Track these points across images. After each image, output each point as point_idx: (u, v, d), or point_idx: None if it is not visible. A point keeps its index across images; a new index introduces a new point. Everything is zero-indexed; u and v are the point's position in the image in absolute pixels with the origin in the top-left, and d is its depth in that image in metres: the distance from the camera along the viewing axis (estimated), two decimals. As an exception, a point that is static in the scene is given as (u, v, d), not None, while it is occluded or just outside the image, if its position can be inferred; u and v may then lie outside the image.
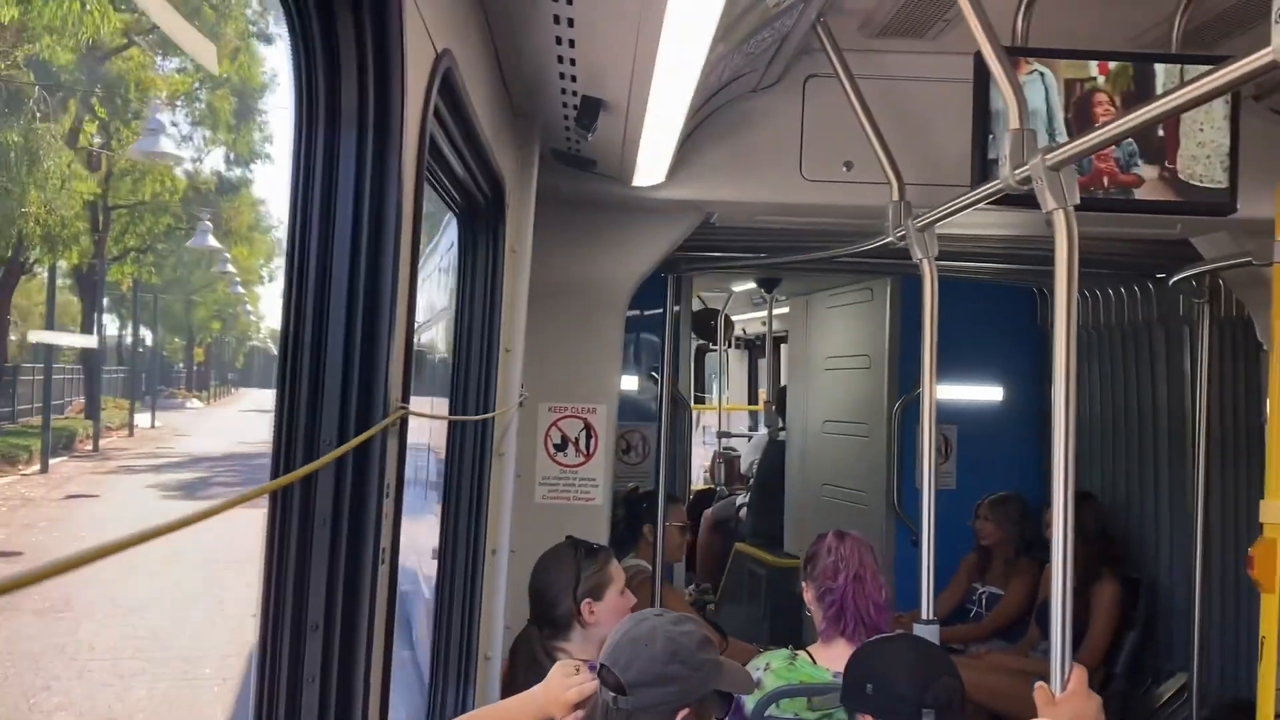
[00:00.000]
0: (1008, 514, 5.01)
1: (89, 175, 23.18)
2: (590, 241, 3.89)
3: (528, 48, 2.47)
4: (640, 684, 2.01)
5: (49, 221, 21.20)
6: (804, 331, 6.87)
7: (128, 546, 0.78)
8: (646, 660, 2.02)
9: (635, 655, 2.03)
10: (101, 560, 0.74)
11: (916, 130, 3.36)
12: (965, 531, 5.14)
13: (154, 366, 48.13)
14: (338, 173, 1.35)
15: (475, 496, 2.86)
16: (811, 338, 6.73)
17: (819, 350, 6.57)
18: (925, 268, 2.94)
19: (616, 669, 2.04)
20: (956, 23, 3.17)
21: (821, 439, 6.44)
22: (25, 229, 21.87)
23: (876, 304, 5.78)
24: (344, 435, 1.34)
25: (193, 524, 0.91)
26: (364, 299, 1.36)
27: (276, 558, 1.32)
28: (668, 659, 2.02)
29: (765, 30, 2.83)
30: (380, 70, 1.35)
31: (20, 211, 21.08)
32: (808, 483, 6.54)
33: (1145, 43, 3.10)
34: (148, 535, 0.80)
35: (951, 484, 5.60)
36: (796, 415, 6.89)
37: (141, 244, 30.43)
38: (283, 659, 1.31)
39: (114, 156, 24.39)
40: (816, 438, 6.50)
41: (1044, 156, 2.08)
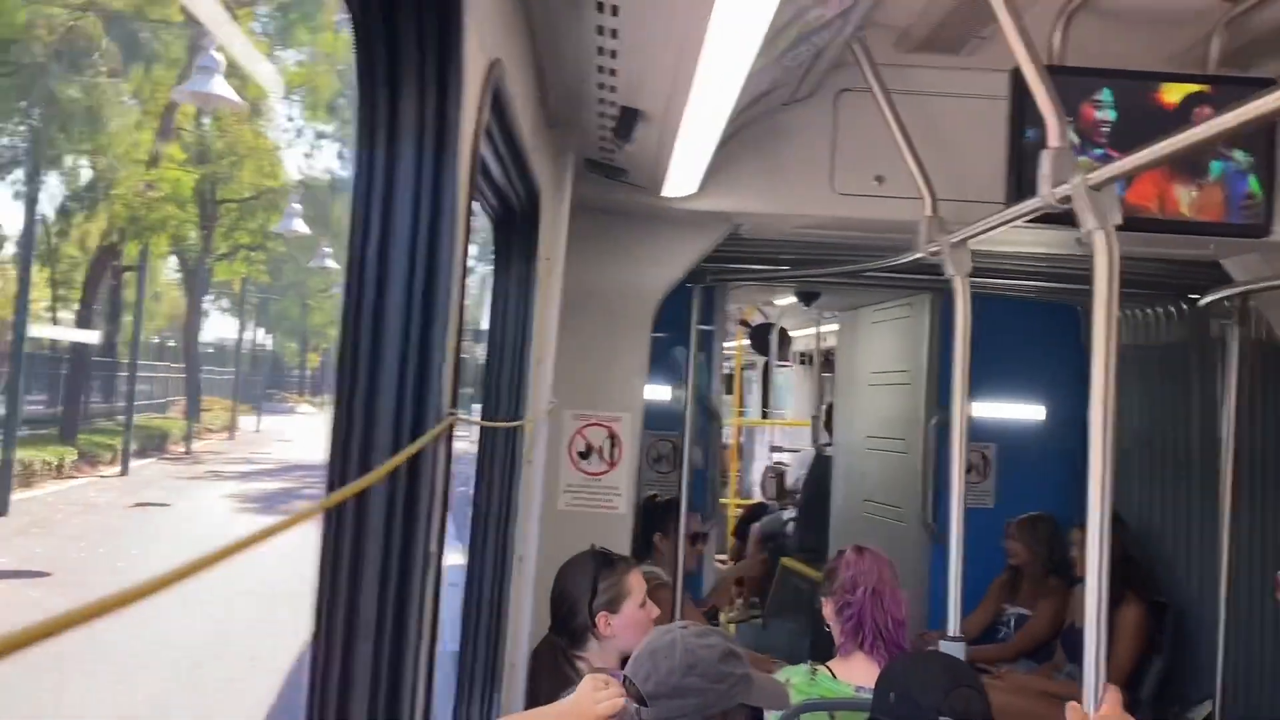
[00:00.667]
0: (1036, 535, 4.98)
1: (177, 154, 22.19)
2: (619, 250, 3.90)
3: (569, 58, 2.49)
4: (659, 695, 2.02)
5: (133, 202, 20.24)
6: (851, 347, 6.87)
7: (137, 598, 0.63)
8: (665, 672, 2.03)
9: (655, 667, 2.04)
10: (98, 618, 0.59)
11: (949, 145, 3.36)
12: (1002, 551, 5.13)
13: (265, 369, 47.18)
14: (396, 184, 1.37)
15: (504, 503, 2.87)
16: (857, 353, 6.73)
17: (864, 366, 6.57)
18: (958, 284, 2.94)
19: (637, 680, 2.05)
20: (992, 39, 3.18)
21: (865, 455, 6.43)
22: (112, 210, 20.85)
23: (916, 320, 5.76)
24: (398, 441, 1.35)
25: (234, 554, 0.74)
26: (419, 308, 1.38)
27: (330, 562, 1.33)
28: (685, 671, 2.02)
29: (803, 45, 2.84)
30: (440, 83, 1.36)
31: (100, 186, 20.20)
32: (851, 498, 6.54)
33: (1182, 63, 3.10)
34: (167, 580, 0.65)
35: (989, 502, 5.57)
36: (842, 430, 6.89)
37: (253, 241, 29.19)
38: (334, 663, 1.32)
39: (209, 136, 23.47)
40: (860, 453, 6.50)
41: (1085, 176, 2.09)
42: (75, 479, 19.28)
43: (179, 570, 0.66)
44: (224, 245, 29.19)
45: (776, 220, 3.74)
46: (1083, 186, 2.08)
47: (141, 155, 20.90)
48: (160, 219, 20.91)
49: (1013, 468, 5.63)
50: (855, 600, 3.00)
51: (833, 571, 3.13)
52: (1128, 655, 4.52)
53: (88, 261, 23.89)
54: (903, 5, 3.06)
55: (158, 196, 20.58)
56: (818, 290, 6.36)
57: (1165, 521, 5.04)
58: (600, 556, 3.00)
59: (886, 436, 6.10)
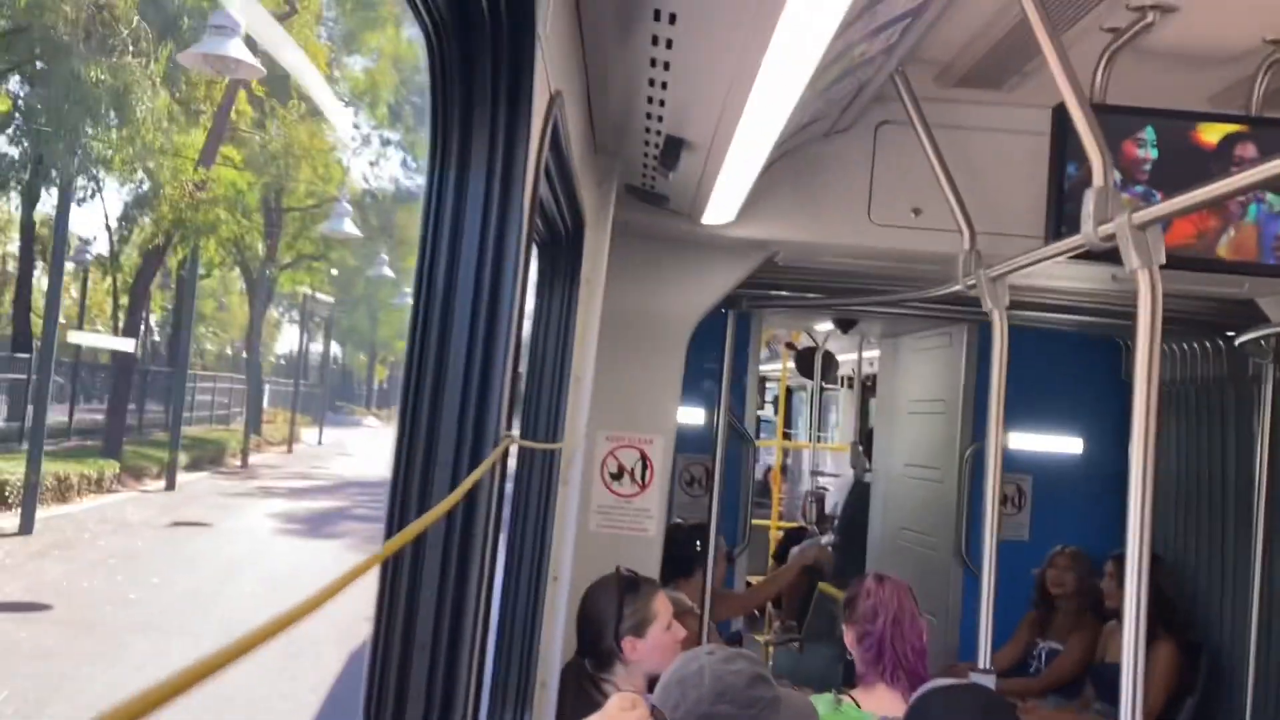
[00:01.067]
0: (1083, 567, 4.95)
1: (233, 154, 21.53)
2: (656, 275, 3.94)
3: (619, 89, 2.53)
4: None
5: (179, 203, 19.46)
6: (891, 374, 6.87)
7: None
8: (694, 701, 2.02)
9: (683, 695, 2.03)
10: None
11: (987, 180, 3.38)
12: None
13: (333, 381, 46.39)
14: (464, 213, 1.41)
15: (540, 524, 2.90)
16: (897, 381, 6.72)
17: (904, 393, 6.56)
18: (995, 318, 2.96)
19: (666, 709, 2.04)
20: (1034, 75, 3.20)
21: (902, 482, 6.41)
22: (158, 211, 20.05)
23: (954, 350, 5.76)
24: (459, 461, 1.39)
25: (299, 618, 0.67)
26: (483, 333, 1.42)
27: (390, 578, 1.36)
28: (715, 698, 2.02)
29: (847, 78, 2.88)
30: (510, 115, 1.41)
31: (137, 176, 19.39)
32: (888, 526, 6.52)
33: (1224, 102, 3.12)
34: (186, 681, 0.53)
35: (1025, 535, 5.54)
36: (881, 457, 6.88)
37: (316, 250, 28.76)
38: (391, 677, 1.36)
39: (267, 137, 22.77)
40: (898, 481, 6.48)
41: (1130, 215, 2.10)
42: (116, 494, 18.68)
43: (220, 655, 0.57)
44: (288, 254, 28.74)
45: (813, 249, 3.77)
46: (1127, 226, 2.09)
47: (183, 149, 20.22)
48: (209, 221, 20.11)
49: (1049, 501, 5.58)
50: (875, 630, 3.00)
51: (853, 600, 3.13)
52: (1160, 694, 4.47)
53: (134, 266, 23.53)
54: (946, 41, 3.09)
55: (206, 198, 19.88)
56: (855, 318, 6.37)
57: (1200, 560, 4.98)
58: (626, 580, 3.01)
59: (923, 465, 6.09)
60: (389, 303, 41.37)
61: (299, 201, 25.38)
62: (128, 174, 19.84)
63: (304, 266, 30.02)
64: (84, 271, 28.39)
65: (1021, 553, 5.27)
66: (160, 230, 20.60)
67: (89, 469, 18.11)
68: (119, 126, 17.61)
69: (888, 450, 6.74)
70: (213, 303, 40.61)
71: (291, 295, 34.58)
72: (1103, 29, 2.80)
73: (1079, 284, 4.01)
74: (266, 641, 0.62)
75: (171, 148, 19.38)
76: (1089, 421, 5.55)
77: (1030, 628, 5.10)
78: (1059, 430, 5.60)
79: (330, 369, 48.83)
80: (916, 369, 6.40)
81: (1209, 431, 4.93)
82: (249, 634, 0.60)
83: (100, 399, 23.79)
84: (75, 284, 32.29)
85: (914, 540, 6.09)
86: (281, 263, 28.86)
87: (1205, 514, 4.96)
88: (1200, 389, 4.98)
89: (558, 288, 2.92)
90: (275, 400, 37.39)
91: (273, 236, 26.42)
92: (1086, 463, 5.54)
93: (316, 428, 35.89)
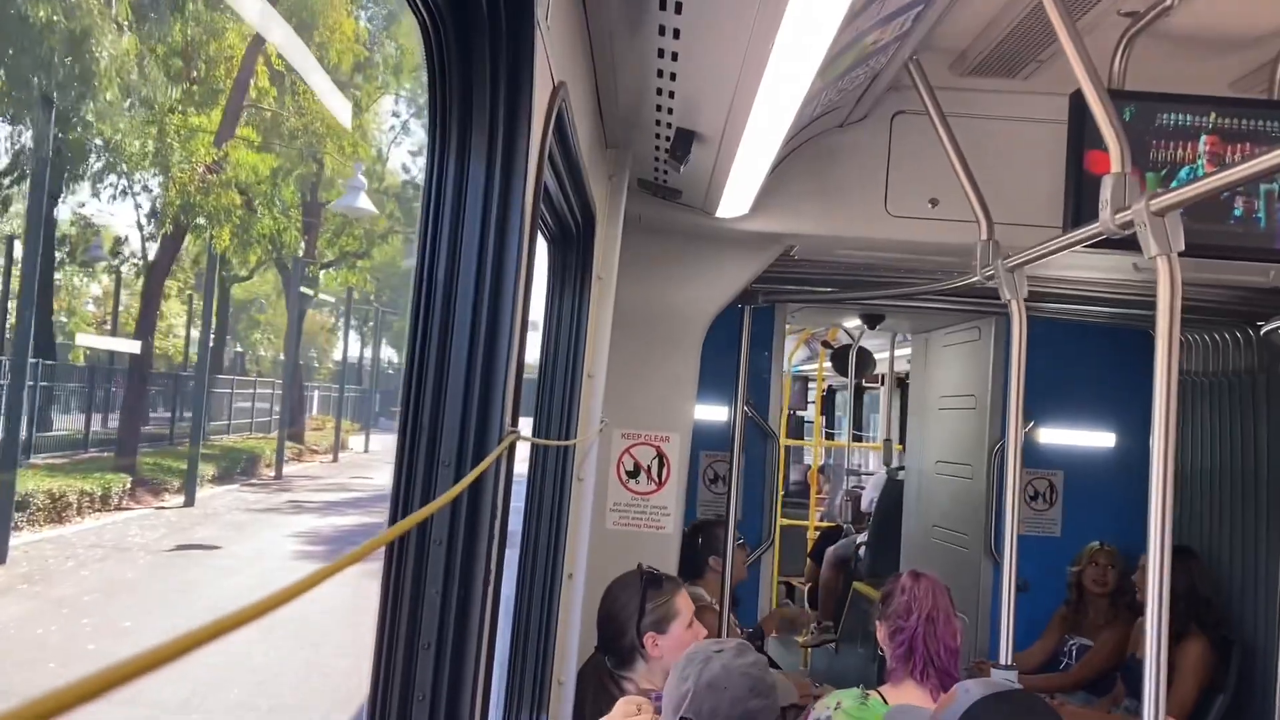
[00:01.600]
0: (1117, 563, 4.88)
1: (250, 135, 19.91)
2: (669, 270, 3.92)
3: (628, 80, 2.51)
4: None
5: (187, 185, 17.84)
6: (922, 370, 6.80)
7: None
8: (729, 703, 2.01)
9: (718, 700, 2.02)
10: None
11: (1005, 169, 3.34)
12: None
13: (385, 386, 45.11)
14: (465, 206, 1.39)
15: (554, 521, 2.89)
16: (928, 376, 6.65)
17: (935, 389, 6.49)
18: (1014, 308, 2.92)
19: (701, 716, 2.02)
20: (1050, 63, 3.16)
21: (933, 479, 6.35)
22: (168, 197, 18.37)
23: (982, 344, 5.68)
24: (462, 457, 1.37)
25: (294, 596, 0.65)
26: (485, 327, 1.40)
27: (394, 577, 1.35)
28: (749, 695, 2.01)
29: (860, 68, 2.84)
30: (510, 103, 1.39)
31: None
32: (921, 523, 6.46)
33: (1244, 87, 3.07)
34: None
35: (1056, 531, 5.47)
36: (914, 454, 6.82)
37: (359, 248, 27.29)
38: (395, 677, 1.34)
39: (282, 115, 21.19)
40: (930, 478, 6.42)
41: (1148, 201, 2.07)
42: (126, 511, 16.66)
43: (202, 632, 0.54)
44: (330, 252, 27.27)
45: (829, 242, 3.74)
46: (1145, 212, 2.06)
47: (197, 128, 18.55)
48: (221, 207, 18.35)
49: (1081, 495, 5.50)
50: (908, 626, 2.97)
51: (888, 595, 3.10)
52: (1190, 691, 4.37)
53: (151, 260, 21.71)
54: (960, 28, 3.05)
55: (218, 181, 18.23)
56: (881, 313, 6.31)
57: (1234, 555, 4.89)
58: (648, 577, 2.99)
59: (954, 461, 6.02)
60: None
61: (339, 194, 23.32)
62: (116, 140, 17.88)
63: (348, 264, 28.31)
64: (114, 269, 27.62)
65: (1053, 548, 5.21)
66: (169, 216, 19.01)
67: (92, 484, 16.19)
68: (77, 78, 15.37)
69: (920, 447, 6.67)
70: (260, 307, 40.42)
71: (339, 296, 33.21)
72: (1120, 13, 2.76)
73: (1102, 274, 3.96)
74: (250, 621, 0.60)
75: (162, 105, 17.53)
76: (1121, 415, 5.45)
77: (1061, 623, 5.04)
78: (1091, 424, 5.50)
79: (384, 373, 48.25)
80: (946, 364, 6.33)
81: (1241, 424, 4.83)
82: (232, 614, 0.58)
83: (112, 409, 22.91)
84: (95, 282, 31.94)
85: (945, 537, 6.03)
86: (322, 260, 27.40)
87: (1239, 508, 4.85)
88: (1232, 380, 4.89)
89: (570, 283, 2.90)
90: (326, 406, 36.24)
91: (311, 232, 25.07)
92: (1119, 457, 5.44)
93: (364, 435, 34.23)
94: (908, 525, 6.67)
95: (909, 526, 6.65)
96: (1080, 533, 5.16)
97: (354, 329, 41.32)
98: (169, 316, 28.80)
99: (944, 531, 6.06)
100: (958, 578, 5.56)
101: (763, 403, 5.65)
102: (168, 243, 20.60)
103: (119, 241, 27.41)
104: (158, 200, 20.92)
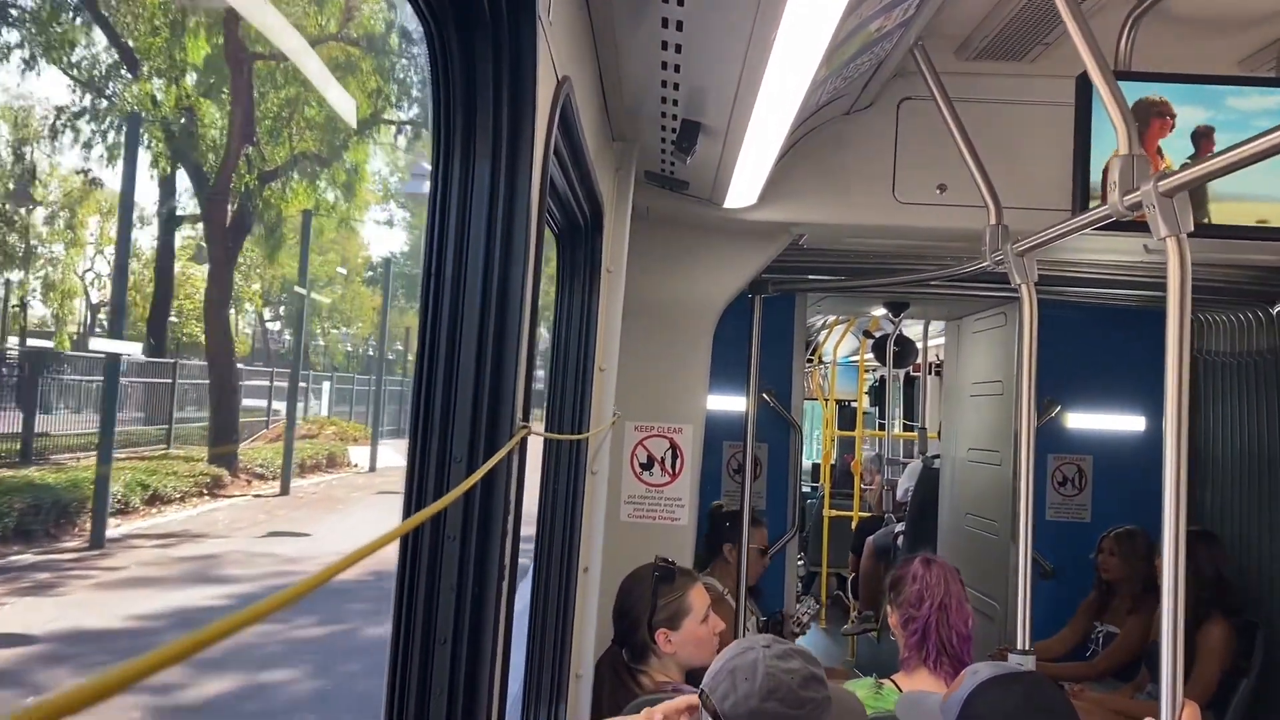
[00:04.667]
0: (1134, 549, 4.82)
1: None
2: (679, 261, 3.92)
3: (632, 74, 2.51)
4: (736, 716, 1.99)
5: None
6: (955, 357, 6.78)
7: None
8: (744, 694, 1.99)
9: (733, 687, 2.00)
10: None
11: (1013, 154, 3.33)
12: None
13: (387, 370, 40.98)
14: (471, 201, 1.40)
15: (569, 515, 2.89)
16: (960, 364, 6.63)
17: (967, 376, 6.46)
18: (1024, 293, 2.91)
19: (714, 697, 2.01)
20: (1056, 46, 3.15)
21: (966, 467, 6.32)
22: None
23: (1009, 329, 5.64)
24: (474, 453, 1.38)
25: (316, 585, 0.66)
26: (494, 322, 1.41)
27: (409, 573, 1.36)
28: (765, 695, 1.98)
29: (864, 54, 2.84)
30: (514, 102, 1.39)
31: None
32: (955, 511, 6.44)
33: (1252, 66, 3.05)
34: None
35: (1086, 516, 5.43)
36: (949, 442, 6.79)
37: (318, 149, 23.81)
38: (413, 672, 1.35)
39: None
40: (963, 465, 6.39)
41: (1157, 183, 2.06)
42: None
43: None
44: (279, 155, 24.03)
45: (838, 230, 3.74)
46: (1154, 193, 2.05)
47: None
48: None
49: (1110, 481, 5.46)
50: (920, 615, 2.96)
51: (899, 581, 3.09)
52: (1212, 675, 4.30)
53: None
54: (965, 13, 3.04)
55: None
56: (905, 301, 6.28)
57: (1261, 536, 4.82)
58: (661, 571, 2.98)
59: (984, 449, 6.00)
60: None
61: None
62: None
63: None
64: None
65: (1083, 535, 5.18)
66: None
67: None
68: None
69: (954, 434, 6.63)
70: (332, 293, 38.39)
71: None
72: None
73: (1115, 257, 3.94)
74: (271, 613, 0.61)
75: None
76: (1151, 398, 5.39)
77: (1088, 611, 5.01)
78: (1120, 408, 5.45)
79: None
80: (977, 351, 6.30)
81: (1266, 404, 4.80)
82: (235, 616, 0.58)
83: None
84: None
85: (977, 524, 6.01)
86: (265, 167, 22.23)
87: (1267, 489, 4.81)
88: (1257, 360, 4.85)
89: (578, 277, 2.90)
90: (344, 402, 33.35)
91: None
92: (1149, 440, 5.37)
93: (371, 444, 25.78)
94: (943, 513, 6.66)
95: (944, 514, 6.64)
96: (1110, 518, 5.11)
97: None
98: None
99: (976, 519, 6.04)
100: (986, 565, 5.55)
101: (785, 392, 5.64)
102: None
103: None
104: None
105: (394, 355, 39.69)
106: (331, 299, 39.37)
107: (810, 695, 1.98)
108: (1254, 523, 4.87)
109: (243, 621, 0.57)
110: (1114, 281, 4.55)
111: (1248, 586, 4.77)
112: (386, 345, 30.86)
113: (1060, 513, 5.51)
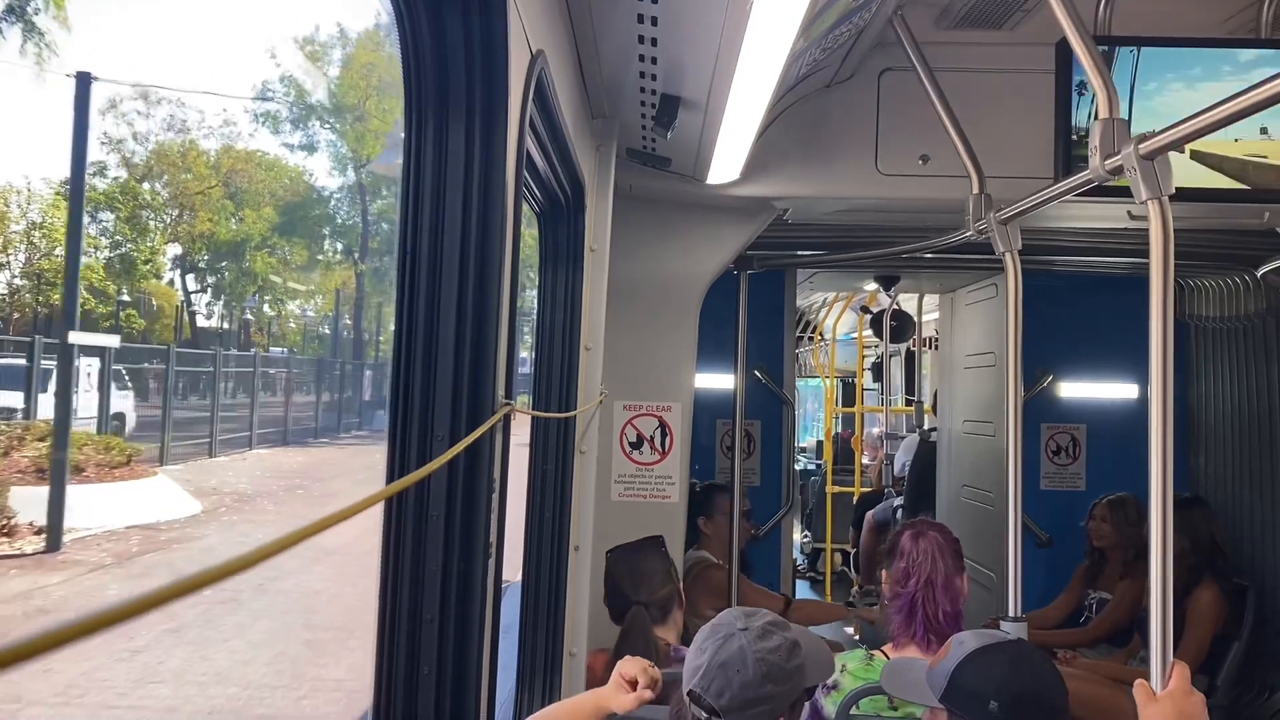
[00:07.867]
0: (1125, 516, 4.82)
1: None
2: (664, 239, 3.91)
3: (609, 49, 2.49)
4: (734, 709, 1.99)
5: None
6: (949, 330, 6.77)
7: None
8: (739, 686, 1.98)
9: (727, 682, 2.00)
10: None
11: (995, 122, 3.33)
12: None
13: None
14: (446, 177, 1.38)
15: (559, 494, 2.89)
16: (954, 336, 6.61)
17: (960, 348, 6.45)
18: (1009, 262, 2.91)
19: (709, 696, 2.01)
20: (1035, 12, 3.14)
21: (962, 439, 6.32)
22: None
23: (999, 300, 5.61)
24: (455, 431, 1.37)
25: (292, 544, 0.68)
26: (473, 299, 1.40)
27: (393, 552, 1.35)
28: (761, 681, 1.98)
29: (843, 25, 2.82)
30: (487, 73, 1.38)
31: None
32: (952, 484, 6.44)
33: (1233, 28, 3.04)
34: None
35: (1081, 485, 5.45)
36: (945, 415, 6.79)
37: None
38: (400, 651, 1.35)
39: None
40: (959, 437, 6.39)
41: (1137, 145, 2.05)
42: None
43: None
44: None
45: (821, 204, 3.73)
46: (1134, 156, 2.04)
47: None
48: None
49: (1105, 449, 5.45)
50: (905, 592, 2.95)
51: (889, 552, 3.09)
52: (1203, 638, 4.31)
53: None
54: (943, -19, 3.03)
55: None
56: (895, 274, 6.26)
57: (1252, 500, 4.83)
58: None
59: (979, 420, 5.99)
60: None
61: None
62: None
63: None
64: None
65: (1078, 503, 5.18)
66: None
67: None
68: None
69: (949, 407, 6.63)
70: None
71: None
72: None
73: (1102, 224, 3.94)
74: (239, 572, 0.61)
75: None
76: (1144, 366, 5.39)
77: (1082, 578, 5.03)
78: (1113, 376, 5.44)
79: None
80: (969, 323, 6.28)
81: (1255, 368, 4.79)
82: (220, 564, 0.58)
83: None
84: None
85: (974, 496, 6.01)
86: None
87: (1257, 453, 4.81)
88: (1245, 325, 4.85)
89: (561, 256, 2.89)
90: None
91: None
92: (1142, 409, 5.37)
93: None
94: (941, 486, 6.67)
95: (942, 487, 6.64)
96: (1105, 486, 5.09)
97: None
98: None
99: (973, 490, 6.05)
100: (983, 536, 5.55)
101: (777, 369, 5.64)
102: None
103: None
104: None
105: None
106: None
107: (795, 664, 2.01)
108: (1245, 486, 4.88)
109: (211, 578, 0.57)
110: (1101, 249, 4.54)
111: (1240, 550, 4.79)
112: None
113: (1055, 482, 5.53)
